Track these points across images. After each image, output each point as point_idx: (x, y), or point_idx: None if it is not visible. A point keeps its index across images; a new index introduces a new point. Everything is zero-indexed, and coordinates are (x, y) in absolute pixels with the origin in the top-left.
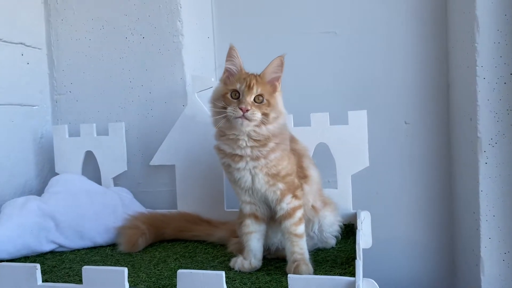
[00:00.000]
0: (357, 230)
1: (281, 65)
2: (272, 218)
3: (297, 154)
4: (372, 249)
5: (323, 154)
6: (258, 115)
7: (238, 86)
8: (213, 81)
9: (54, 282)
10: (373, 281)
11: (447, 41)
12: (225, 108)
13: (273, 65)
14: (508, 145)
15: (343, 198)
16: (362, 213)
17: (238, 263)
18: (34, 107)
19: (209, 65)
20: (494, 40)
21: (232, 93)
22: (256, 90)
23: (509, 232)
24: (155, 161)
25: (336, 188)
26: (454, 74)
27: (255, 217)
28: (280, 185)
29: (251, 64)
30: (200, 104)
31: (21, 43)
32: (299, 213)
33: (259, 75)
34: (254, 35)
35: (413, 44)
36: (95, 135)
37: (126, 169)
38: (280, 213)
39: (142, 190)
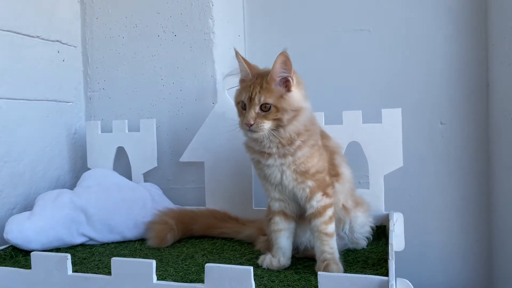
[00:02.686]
0: (389, 230)
1: (286, 61)
2: (301, 216)
3: (329, 151)
4: (404, 252)
5: (355, 153)
6: (265, 125)
7: (243, 97)
8: None
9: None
10: (407, 281)
11: (486, 38)
12: (239, 116)
13: (278, 64)
14: None
15: (375, 199)
16: (395, 215)
17: (267, 260)
18: (69, 103)
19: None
20: None
21: (240, 104)
22: (259, 100)
23: None
24: (184, 157)
25: (368, 189)
26: (494, 72)
27: (284, 214)
28: (310, 183)
29: None
30: (230, 101)
31: (58, 41)
32: (329, 212)
33: (266, 79)
34: (286, 33)
35: (450, 42)
36: (127, 132)
37: (156, 165)
38: (309, 211)
39: (171, 186)
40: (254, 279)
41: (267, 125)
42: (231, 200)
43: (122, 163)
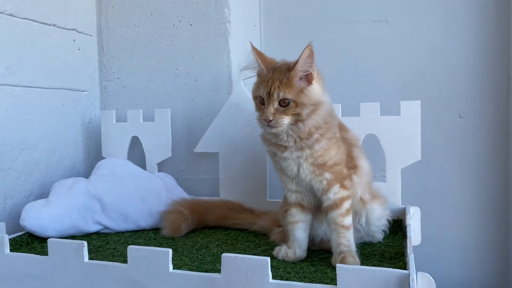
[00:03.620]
0: (407, 224)
1: (310, 55)
2: (318, 208)
3: (347, 143)
4: (420, 247)
5: (372, 146)
6: (284, 121)
7: (261, 92)
8: None
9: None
10: (428, 275)
11: (509, 29)
12: (257, 111)
13: (302, 58)
14: None
15: (392, 192)
16: (412, 209)
17: (282, 252)
18: (84, 92)
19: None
20: None
21: (258, 98)
22: (278, 96)
23: None
24: (199, 148)
25: (385, 182)
26: None
27: (301, 206)
28: (327, 175)
29: (297, 54)
30: (246, 92)
31: (74, 29)
32: (347, 204)
33: (288, 74)
34: (303, 24)
35: (470, 34)
36: (142, 121)
37: (170, 155)
38: (326, 203)
39: (185, 177)
40: (270, 271)
41: (286, 120)
42: (245, 191)
43: (136, 153)
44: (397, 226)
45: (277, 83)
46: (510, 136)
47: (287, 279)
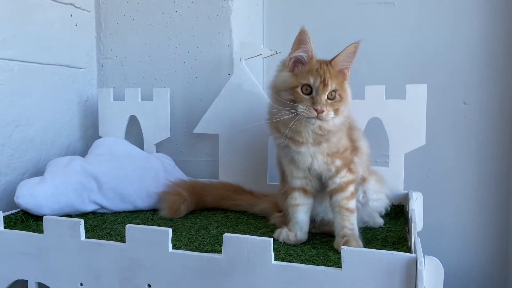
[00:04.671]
0: (411, 209)
1: (355, 52)
2: (319, 191)
3: (348, 127)
4: (421, 234)
5: (375, 130)
6: (331, 114)
7: (311, 80)
8: (262, 48)
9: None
10: (436, 259)
11: None
12: (294, 102)
13: (346, 53)
14: None
15: (395, 177)
16: (414, 194)
17: (283, 234)
18: (81, 70)
19: (257, 33)
20: None
21: (303, 87)
22: (331, 86)
23: None
24: (198, 129)
25: (388, 167)
26: None
27: (304, 190)
28: (338, 162)
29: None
30: (248, 73)
31: (71, 4)
32: (351, 188)
33: (331, 64)
34: (307, 4)
35: (477, 17)
36: (140, 100)
37: (169, 135)
38: (332, 186)
39: (184, 158)
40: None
41: (331, 114)
42: (245, 174)
43: (134, 133)
44: (399, 212)
45: (328, 73)
46: None
47: (288, 261)
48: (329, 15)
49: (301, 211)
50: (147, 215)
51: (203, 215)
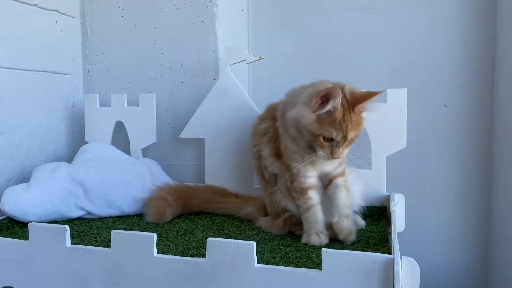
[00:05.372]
0: (391, 211)
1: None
2: None
3: None
4: (403, 234)
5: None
6: (345, 152)
7: (334, 134)
8: (247, 53)
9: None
10: (412, 259)
11: (495, 20)
12: (313, 143)
13: (371, 101)
14: None
15: (377, 179)
16: (396, 196)
17: (315, 239)
18: (67, 76)
19: (242, 39)
20: None
21: (325, 137)
22: (350, 137)
23: None
24: (184, 134)
25: (370, 169)
26: (501, 53)
27: (316, 187)
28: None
29: (285, 40)
30: (233, 78)
31: (56, 10)
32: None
33: (353, 111)
34: (291, 10)
35: (457, 22)
36: (126, 106)
37: (155, 140)
38: (333, 174)
39: (170, 163)
40: (256, 255)
41: (346, 152)
42: (231, 178)
43: (120, 138)
44: (382, 213)
45: (350, 125)
46: (494, 125)
47: (272, 264)
48: (312, 20)
49: (320, 210)
50: (134, 220)
51: (189, 219)
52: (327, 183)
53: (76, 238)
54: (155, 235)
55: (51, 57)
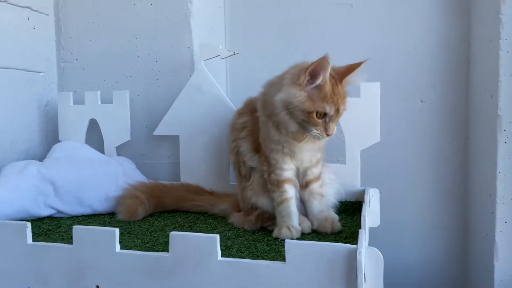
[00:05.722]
0: (363, 204)
1: (361, 70)
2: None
3: None
4: (381, 230)
5: None
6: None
7: (327, 109)
8: (221, 49)
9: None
10: (376, 250)
11: (470, 13)
12: (306, 122)
13: (357, 72)
14: None
15: (351, 174)
16: (371, 190)
17: (285, 232)
18: (40, 74)
19: (218, 35)
20: None
21: (318, 113)
22: (342, 112)
23: None
24: (158, 131)
25: (345, 164)
26: (476, 48)
27: (292, 181)
28: (319, 155)
29: (262, 36)
30: (207, 73)
31: (28, 7)
32: (321, 177)
33: (341, 84)
34: (267, 6)
35: (432, 17)
36: (99, 103)
37: (129, 138)
38: (310, 177)
39: (146, 161)
40: (224, 250)
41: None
42: (207, 175)
43: (94, 136)
44: (356, 208)
45: (340, 98)
46: (469, 120)
47: (239, 258)
48: (289, 16)
49: (294, 204)
50: (105, 219)
51: (162, 217)
52: (303, 185)
53: (43, 236)
54: (117, 230)
55: (23, 54)
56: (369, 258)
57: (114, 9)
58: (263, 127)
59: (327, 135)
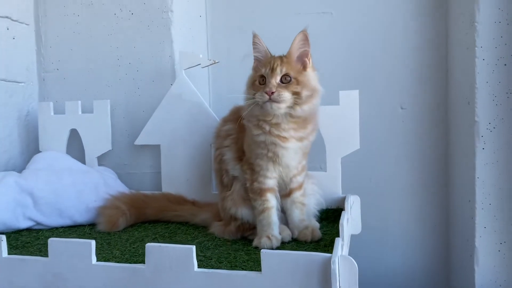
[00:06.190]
0: (343, 211)
1: (305, 39)
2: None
3: None
4: (363, 237)
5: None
6: (286, 95)
7: (263, 70)
8: (201, 57)
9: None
10: (351, 258)
11: (446, 21)
12: (254, 95)
13: (296, 41)
14: (507, 130)
15: (332, 181)
16: (351, 197)
17: (265, 242)
18: (20, 84)
19: (200, 44)
20: (495, 19)
21: (260, 79)
22: (280, 71)
23: (505, 222)
24: (139, 140)
25: (326, 171)
26: (453, 56)
27: (274, 191)
28: (304, 162)
29: (245, 44)
30: (188, 82)
31: (7, 17)
32: (303, 185)
33: (285, 55)
34: (249, 15)
35: (411, 25)
36: (80, 113)
37: (110, 148)
38: (293, 185)
39: (127, 171)
40: (202, 261)
41: (287, 95)
42: (188, 185)
43: (76, 146)
44: (337, 215)
45: (278, 62)
46: (449, 126)
47: (218, 268)
48: (270, 25)
49: (275, 213)
50: (85, 230)
51: (143, 227)
52: (287, 193)
53: (20, 249)
54: (93, 242)
55: (2, 64)
56: (343, 267)
57: (95, 18)
58: (248, 131)
59: (265, 92)
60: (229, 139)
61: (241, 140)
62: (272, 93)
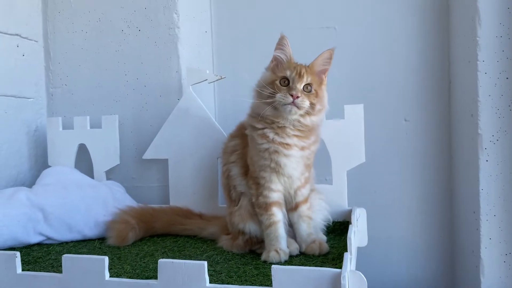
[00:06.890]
0: (350, 225)
1: (330, 58)
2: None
3: None
4: (369, 249)
5: (319, 149)
6: (307, 103)
7: (288, 73)
8: (208, 73)
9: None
10: (360, 273)
11: (449, 35)
12: (273, 95)
13: (322, 57)
14: (509, 142)
15: (338, 194)
16: (358, 210)
17: (274, 256)
18: (29, 100)
19: (206, 59)
20: (496, 33)
21: (282, 80)
22: (306, 79)
23: (510, 233)
24: (147, 155)
25: (331, 184)
26: (456, 69)
27: (280, 204)
28: (307, 173)
29: (249, 59)
30: (195, 97)
31: (17, 35)
32: (309, 199)
33: (308, 66)
34: (253, 30)
35: (414, 39)
36: (89, 128)
37: (118, 162)
38: (299, 199)
39: (135, 185)
40: (212, 275)
41: (308, 103)
42: (196, 198)
43: (84, 161)
44: (344, 228)
45: (304, 69)
46: (452, 139)
47: (228, 283)
48: (275, 39)
49: (282, 227)
50: (95, 244)
51: (152, 241)
52: (293, 207)
53: (32, 265)
54: (106, 258)
55: (12, 81)
56: (353, 282)
57: (103, 35)
58: (251, 142)
59: (290, 95)
60: (235, 154)
61: (246, 155)
62: (297, 97)
